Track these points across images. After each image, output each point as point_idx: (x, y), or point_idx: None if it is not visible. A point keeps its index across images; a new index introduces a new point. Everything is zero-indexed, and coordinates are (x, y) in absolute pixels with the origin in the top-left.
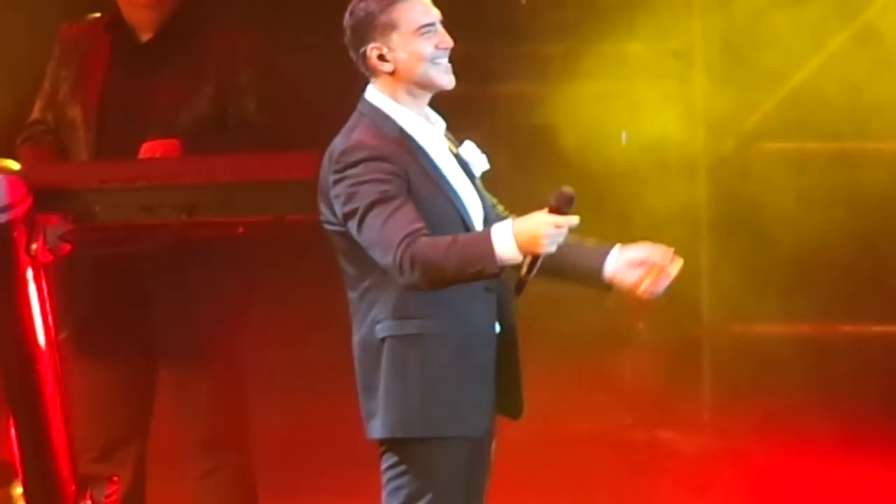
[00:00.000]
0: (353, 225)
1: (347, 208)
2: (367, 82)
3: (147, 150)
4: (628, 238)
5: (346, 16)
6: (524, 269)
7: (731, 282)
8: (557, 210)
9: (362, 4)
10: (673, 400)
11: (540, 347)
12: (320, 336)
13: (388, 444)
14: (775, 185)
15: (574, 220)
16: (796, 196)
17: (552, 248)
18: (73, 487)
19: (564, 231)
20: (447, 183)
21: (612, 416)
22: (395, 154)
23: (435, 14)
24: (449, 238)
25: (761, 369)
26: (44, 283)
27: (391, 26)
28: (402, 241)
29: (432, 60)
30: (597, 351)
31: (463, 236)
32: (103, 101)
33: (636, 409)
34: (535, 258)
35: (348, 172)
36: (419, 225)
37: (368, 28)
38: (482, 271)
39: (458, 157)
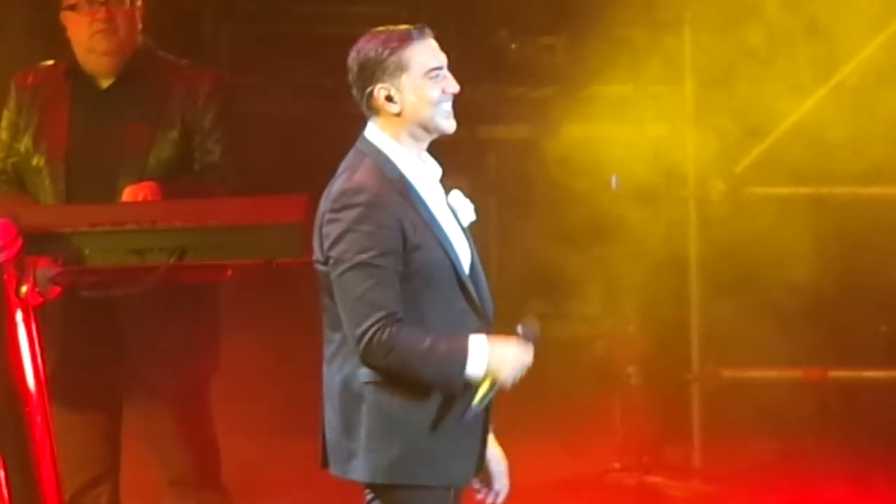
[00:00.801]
0: (333, 272)
1: (334, 253)
2: (359, 123)
3: (129, 195)
4: (618, 283)
5: (353, 53)
6: (480, 395)
7: (721, 326)
8: (526, 336)
9: (372, 44)
10: (663, 445)
11: (529, 392)
12: (296, 374)
13: (373, 488)
14: (765, 229)
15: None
16: (786, 241)
17: (509, 383)
18: None
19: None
20: (440, 230)
21: (601, 460)
22: (392, 201)
23: (442, 58)
24: (428, 340)
25: (752, 414)
26: (33, 326)
27: (401, 68)
28: (379, 321)
29: (438, 104)
30: (587, 395)
31: (442, 344)
32: (68, 149)
33: (626, 453)
34: (492, 385)
35: (343, 215)
36: (396, 308)
37: (377, 68)
38: (448, 387)
39: (448, 204)
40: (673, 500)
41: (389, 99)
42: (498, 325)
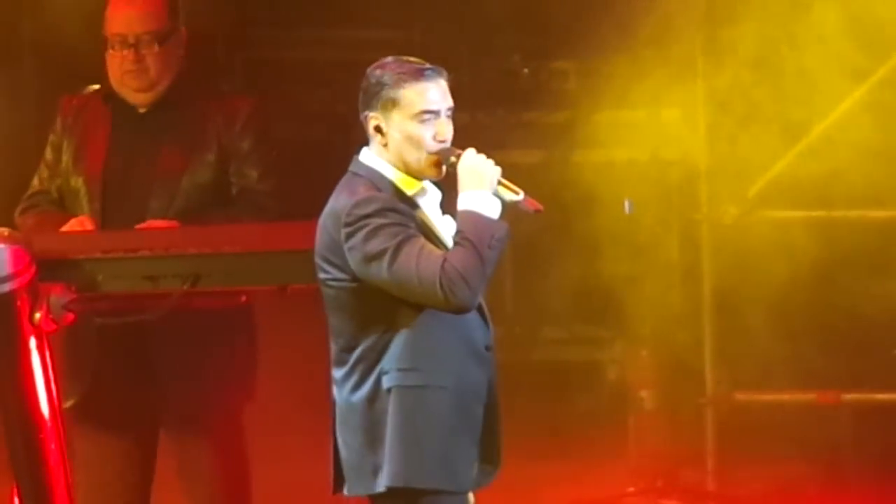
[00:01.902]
0: (380, 266)
1: (372, 251)
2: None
3: (147, 227)
4: (631, 307)
5: (365, 75)
6: (513, 195)
7: (735, 350)
8: (456, 156)
9: (378, 72)
10: (677, 468)
11: (544, 416)
12: (323, 401)
13: (395, 494)
14: (779, 253)
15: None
16: (799, 264)
17: (494, 165)
18: None
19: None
20: (442, 242)
21: (616, 484)
22: (402, 206)
23: (444, 103)
24: (456, 242)
25: (766, 437)
26: (47, 353)
27: (393, 103)
28: (441, 269)
29: (423, 149)
30: (601, 419)
31: (458, 232)
32: (105, 170)
33: (640, 477)
34: (500, 183)
35: (365, 222)
36: (441, 252)
37: (374, 97)
38: (499, 237)
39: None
40: None
41: (378, 130)
42: (514, 352)
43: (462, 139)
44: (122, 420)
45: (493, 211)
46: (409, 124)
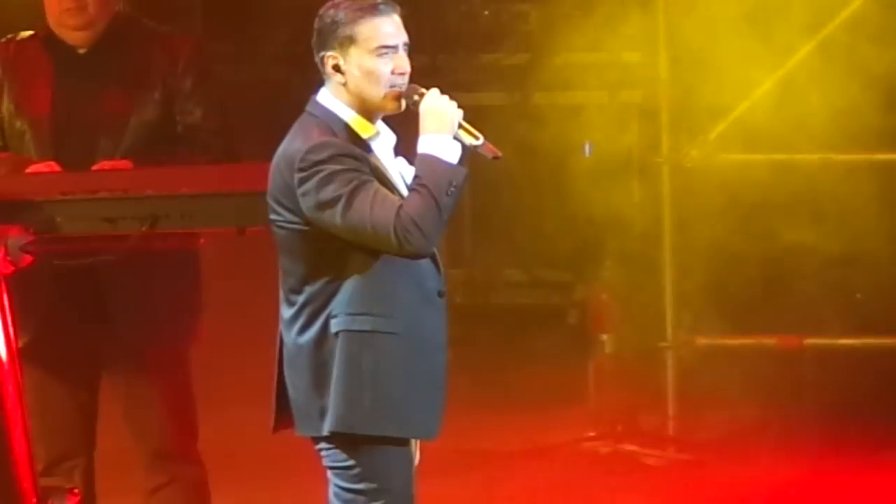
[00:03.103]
0: (334, 213)
1: (325, 198)
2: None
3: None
4: (591, 251)
5: (319, 14)
6: (473, 140)
7: (694, 295)
8: (420, 96)
9: (332, 11)
10: (637, 413)
11: (502, 360)
12: (271, 344)
13: (337, 439)
14: (740, 196)
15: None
16: (760, 208)
17: (457, 107)
18: (35, 500)
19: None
20: (395, 187)
21: (576, 428)
22: (357, 151)
23: (400, 37)
24: (413, 188)
25: (726, 382)
26: (4, 296)
27: (350, 40)
28: (395, 216)
29: (382, 83)
30: (561, 363)
31: (415, 178)
32: (52, 112)
33: (600, 422)
34: (462, 126)
35: (318, 168)
36: (395, 198)
37: (330, 36)
38: (457, 183)
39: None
40: (648, 469)
41: (337, 69)
42: (474, 295)
43: (423, 81)
44: (70, 363)
45: (452, 156)
46: (368, 59)
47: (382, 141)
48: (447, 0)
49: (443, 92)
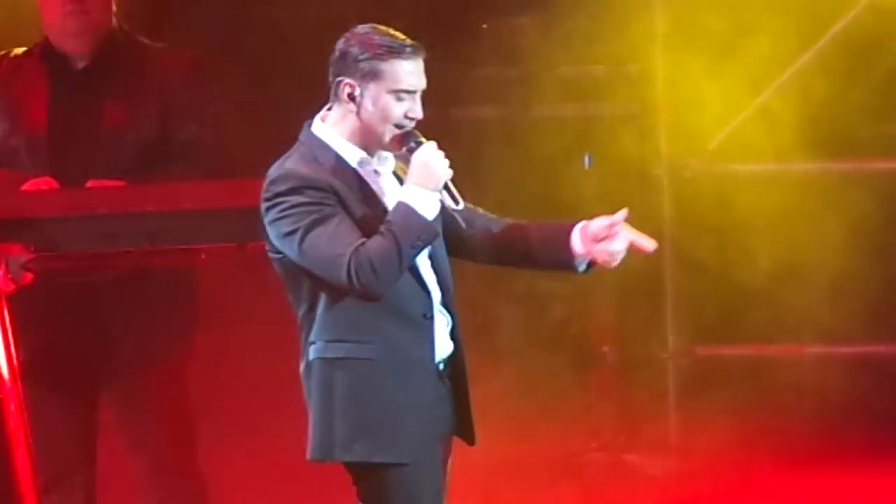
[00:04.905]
0: (292, 246)
1: (284, 230)
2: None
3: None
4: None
5: (344, 38)
6: (451, 201)
7: (695, 304)
8: (418, 144)
9: (362, 39)
10: (639, 423)
11: (505, 370)
12: (276, 360)
13: (348, 468)
14: (739, 206)
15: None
16: (760, 217)
17: (448, 167)
18: None
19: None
20: (384, 209)
21: (578, 439)
22: (325, 182)
23: (420, 84)
24: (384, 233)
25: (727, 391)
26: (6, 313)
27: (373, 75)
28: (350, 254)
29: (390, 124)
30: (563, 374)
31: (387, 222)
32: (49, 128)
33: (602, 432)
34: (446, 186)
35: (278, 200)
36: (358, 235)
37: (354, 64)
38: (426, 238)
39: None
40: (650, 479)
41: (351, 97)
42: (475, 306)
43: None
44: (70, 380)
45: (430, 212)
46: (386, 98)
47: (378, 165)
48: (445, 13)
49: (439, 107)
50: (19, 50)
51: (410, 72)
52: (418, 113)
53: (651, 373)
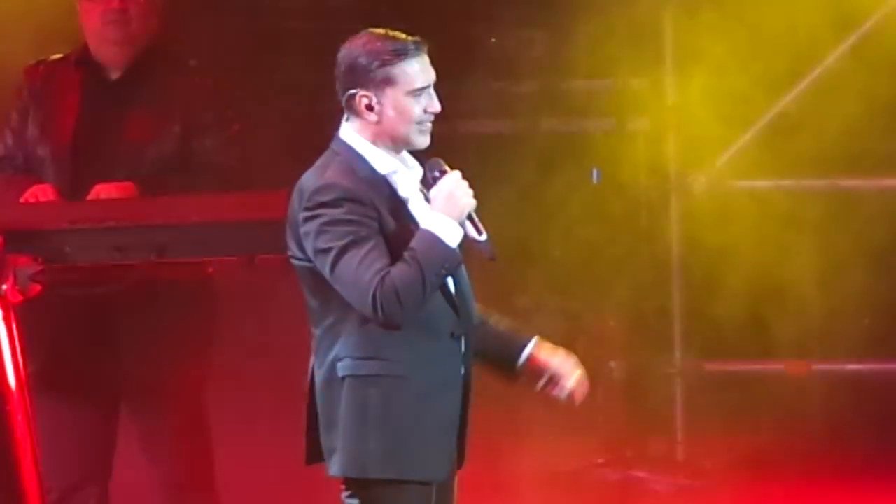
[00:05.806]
0: (325, 263)
1: (320, 246)
2: (339, 119)
3: (98, 191)
4: (600, 278)
5: (346, 50)
6: (476, 234)
7: (703, 320)
8: (441, 173)
9: (366, 48)
10: (646, 439)
11: (512, 387)
12: (289, 373)
13: (349, 483)
14: (747, 222)
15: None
16: (768, 234)
17: (472, 197)
18: None
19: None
20: (417, 225)
21: (585, 455)
22: (366, 195)
23: (431, 76)
24: (408, 261)
25: (735, 407)
26: (13, 325)
27: (388, 81)
28: (377, 284)
29: (417, 122)
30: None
31: (411, 250)
32: (75, 140)
33: (610, 448)
34: (471, 217)
35: (321, 211)
36: (388, 262)
37: (365, 76)
38: (450, 266)
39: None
40: (657, 495)
41: (370, 108)
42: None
43: None
44: (83, 392)
45: (453, 240)
46: (405, 100)
47: (407, 175)
48: (453, 27)
49: (447, 119)
50: (56, 56)
51: (421, 69)
52: (436, 106)
53: (659, 388)
